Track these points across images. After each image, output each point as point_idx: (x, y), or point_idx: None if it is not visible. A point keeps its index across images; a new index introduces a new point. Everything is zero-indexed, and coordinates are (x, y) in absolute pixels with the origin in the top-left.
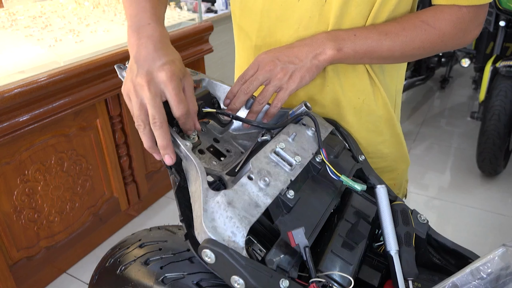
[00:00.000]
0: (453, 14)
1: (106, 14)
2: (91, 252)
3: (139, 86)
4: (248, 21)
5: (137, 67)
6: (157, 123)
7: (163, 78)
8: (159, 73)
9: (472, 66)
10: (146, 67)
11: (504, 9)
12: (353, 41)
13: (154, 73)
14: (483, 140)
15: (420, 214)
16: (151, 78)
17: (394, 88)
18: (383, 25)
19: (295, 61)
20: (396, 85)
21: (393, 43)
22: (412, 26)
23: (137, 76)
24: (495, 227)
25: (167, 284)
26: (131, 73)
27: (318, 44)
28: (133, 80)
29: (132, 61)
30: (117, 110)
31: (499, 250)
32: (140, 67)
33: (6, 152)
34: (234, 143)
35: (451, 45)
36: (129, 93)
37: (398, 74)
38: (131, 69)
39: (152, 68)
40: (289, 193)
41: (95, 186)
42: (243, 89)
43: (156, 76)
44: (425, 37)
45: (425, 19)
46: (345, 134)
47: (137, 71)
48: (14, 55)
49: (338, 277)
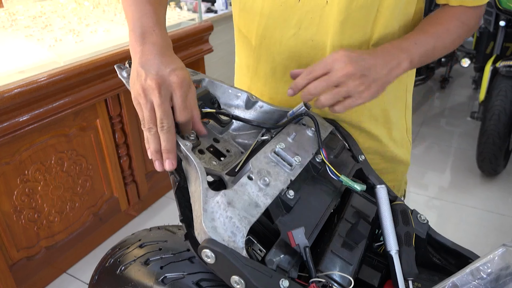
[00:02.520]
0: (476, 11)
1: (106, 14)
2: (91, 252)
3: (150, 89)
4: (248, 21)
5: (145, 71)
6: (165, 127)
7: (174, 82)
8: (170, 77)
9: (472, 66)
10: (155, 71)
11: (504, 9)
12: (417, 50)
13: (165, 77)
14: (483, 140)
15: (420, 214)
16: (162, 81)
17: (404, 88)
18: (429, 28)
19: (373, 70)
20: (407, 85)
21: (443, 44)
22: (453, 26)
23: (147, 79)
24: (495, 227)
25: (167, 284)
26: (139, 77)
27: (392, 57)
28: (143, 84)
29: (137, 66)
30: (117, 110)
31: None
32: (149, 71)
33: (6, 152)
34: (234, 143)
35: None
36: (138, 97)
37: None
38: (138, 73)
39: (162, 72)
40: (289, 193)
41: (95, 186)
42: (311, 89)
43: (167, 79)
44: (462, 33)
45: (458, 17)
46: (345, 134)
47: (146, 75)
48: (14, 55)
49: (338, 277)
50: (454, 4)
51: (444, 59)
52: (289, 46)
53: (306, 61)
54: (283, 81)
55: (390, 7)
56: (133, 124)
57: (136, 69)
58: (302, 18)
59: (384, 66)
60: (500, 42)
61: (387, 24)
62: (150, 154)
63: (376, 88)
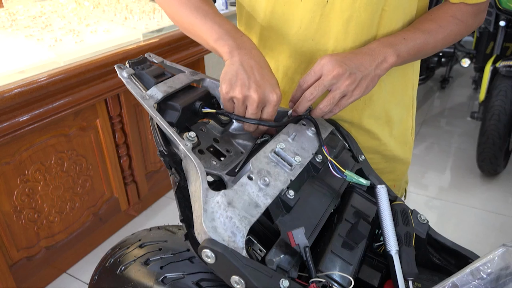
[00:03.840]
0: (475, 8)
1: (106, 14)
2: (91, 252)
3: (251, 100)
4: (252, 19)
5: (247, 77)
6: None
7: (273, 100)
8: (271, 95)
9: (472, 66)
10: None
11: (504, 9)
12: (406, 45)
13: (266, 93)
14: (483, 140)
15: (420, 214)
16: (263, 96)
17: (411, 87)
18: (421, 25)
19: (361, 68)
20: (413, 83)
21: (435, 40)
22: (446, 23)
23: (250, 89)
24: (496, 227)
25: (167, 284)
26: (240, 80)
27: (377, 52)
28: (245, 92)
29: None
30: (117, 110)
31: (499, 250)
32: (250, 80)
33: (6, 152)
34: (234, 143)
35: (470, 32)
36: (235, 99)
37: (413, 68)
38: (238, 75)
39: (264, 87)
40: (289, 193)
41: (95, 186)
42: (307, 96)
43: (268, 96)
44: (458, 30)
45: (454, 14)
46: (345, 134)
47: (249, 83)
48: (14, 55)
49: (338, 277)
50: (455, 1)
51: (444, 59)
52: (291, 45)
53: (307, 60)
54: (285, 79)
55: (393, 5)
56: (133, 124)
57: (237, 68)
58: (303, 16)
59: (370, 62)
60: (500, 42)
61: (391, 23)
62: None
63: (366, 84)
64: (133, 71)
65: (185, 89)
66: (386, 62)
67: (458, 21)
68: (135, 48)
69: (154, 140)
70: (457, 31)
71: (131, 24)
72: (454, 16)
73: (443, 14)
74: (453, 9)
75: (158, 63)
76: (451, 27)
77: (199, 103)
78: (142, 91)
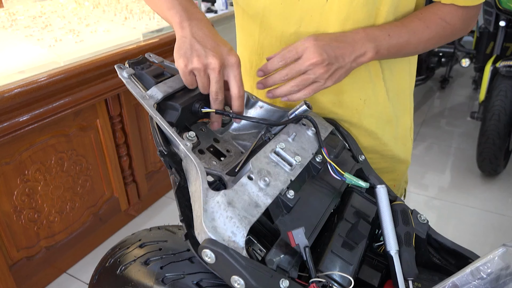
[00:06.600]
0: (465, 12)
1: (106, 14)
2: (91, 252)
3: (211, 66)
4: (250, 19)
5: (202, 46)
6: (219, 99)
7: (235, 62)
8: (230, 57)
9: (472, 66)
10: (213, 48)
11: (504, 9)
12: (388, 41)
13: (224, 56)
14: (483, 140)
15: (420, 214)
16: (223, 61)
17: (408, 87)
18: (408, 23)
19: (340, 60)
20: (411, 80)
21: (418, 40)
22: (433, 24)
23: (208, 57)
24: (495, 227)
25: (167, 284)
26: (195, 50)
27: (360, 46)
28: (203, 60)
29: (189, 37)
30: (117, 110)
31: (499, 250)
32: (205, 47)
33: (6, 152)
34: (234, 143)
35: (457, 37)
36: (195, 69)
37: (410, 70)
38: (191, 45)
39: (221, 51)
40: (289, 193)
41: (95, 186)
42: (282, 74)
43: (227, 59)
44: (443, 33)
45: (443, 16)
46: (345, 134)
47: (205, 52)
48: (14, 55)
49: (338, 277)
50: (446, 2)
51: (444, 59)
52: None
53: None
54: None
55: (389, 4)
56: (133, 124)
57: (189, 40)
58: (303, 16)
59: (350, 54)
60: (500, 42)
61: (386, 22)
62: None
63: (339, 75)
64: (133, 71)
65: (185, 89)
66: (364, 56)
67: (446, 24)
68: (135, 48)
69: (154, 140)
70: (443, 34)
71: (131, 24)
72: (443, 18)
73: (432, 15)
74: (443, 11)
75: (158, 63)
76: (437, 29)
77: (199, 103)
78: (142, 91)
